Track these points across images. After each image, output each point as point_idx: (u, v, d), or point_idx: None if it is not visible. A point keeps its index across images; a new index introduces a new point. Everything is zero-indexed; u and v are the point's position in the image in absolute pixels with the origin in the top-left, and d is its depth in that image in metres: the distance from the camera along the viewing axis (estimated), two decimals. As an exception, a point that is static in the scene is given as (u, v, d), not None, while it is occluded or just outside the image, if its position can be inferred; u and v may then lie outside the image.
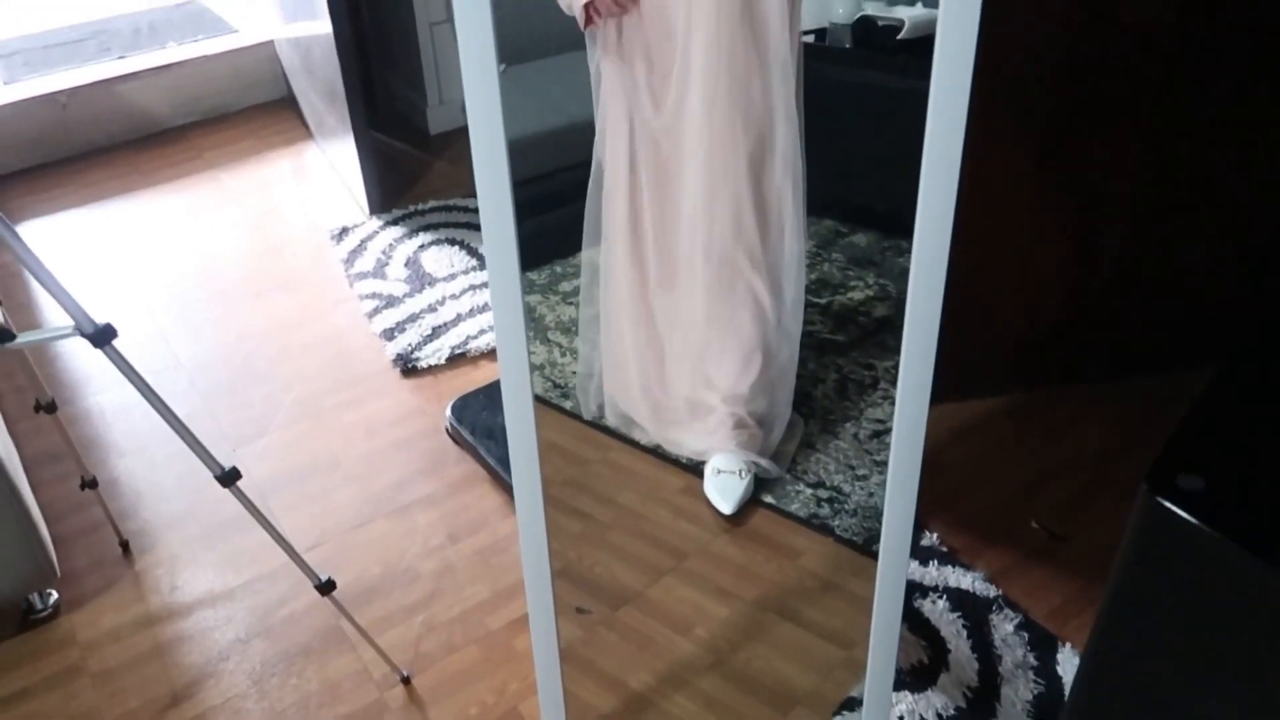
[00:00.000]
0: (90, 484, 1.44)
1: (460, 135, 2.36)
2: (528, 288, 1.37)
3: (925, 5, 2.03)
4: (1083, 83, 1.38)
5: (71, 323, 1.00)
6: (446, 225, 2.24)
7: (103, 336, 1.01)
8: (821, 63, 2.09)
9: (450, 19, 2.04)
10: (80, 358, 1.86)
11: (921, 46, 1.65)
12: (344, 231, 2.23)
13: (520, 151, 1.29)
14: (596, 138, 1.42)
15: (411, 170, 2.47)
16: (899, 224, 1.98)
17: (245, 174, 2.50)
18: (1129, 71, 1.38)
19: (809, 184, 1.42)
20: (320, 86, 2.38)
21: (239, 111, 2.79)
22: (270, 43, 2.79)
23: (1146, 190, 1.50)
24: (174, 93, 2.70)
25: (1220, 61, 1.38)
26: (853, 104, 1.93)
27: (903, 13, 2.00)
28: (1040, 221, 1.52)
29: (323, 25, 2.15)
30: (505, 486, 1.52)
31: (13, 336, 1.03)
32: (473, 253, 2.12)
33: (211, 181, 2.47)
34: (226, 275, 2.12)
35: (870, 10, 2.08)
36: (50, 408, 1.33)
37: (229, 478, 1.09)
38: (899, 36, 1.94)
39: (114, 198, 2.41)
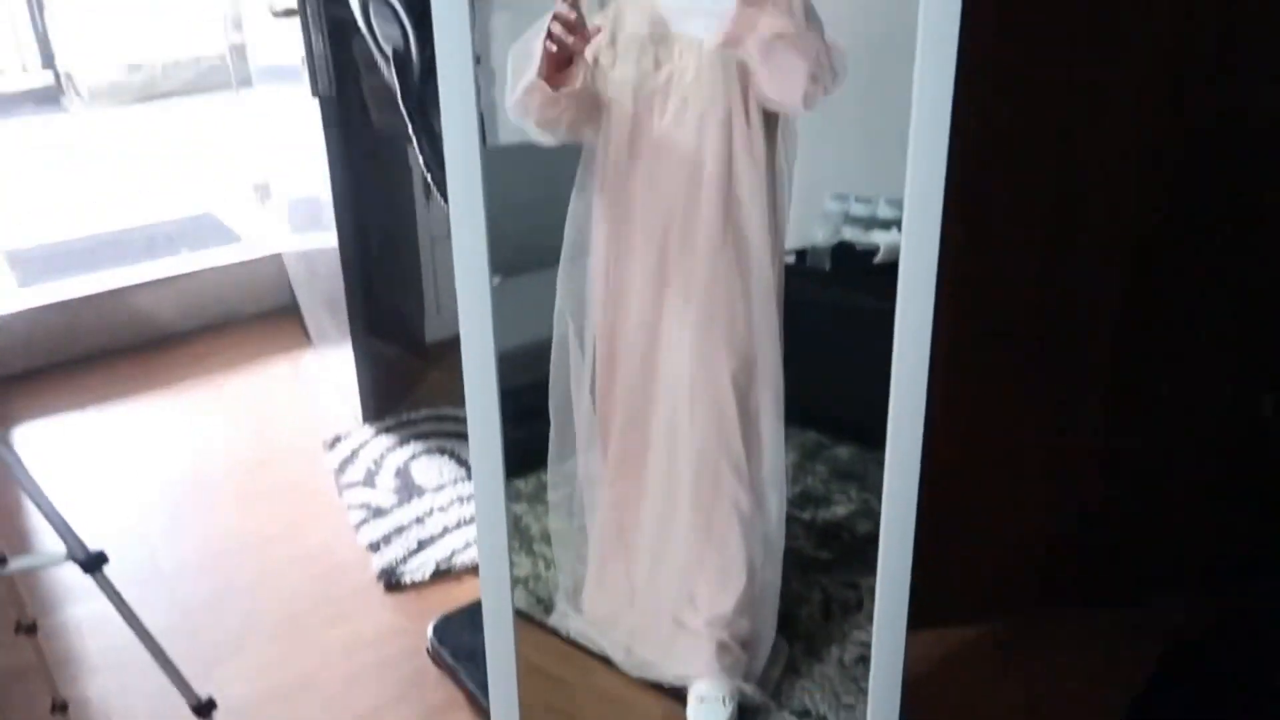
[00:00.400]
0: (61, 707, 1.41)
1: (456, 344, 2.43)
2: (514, 496, 1.38)
3: (900, 231, 2.14)
4: (1053, 308, 1.45)
5: (63, 546, 1.01)
6: (438, 435, 2.27)
7: (94, 563, 1.02)
8: (803, 283, 2.19)
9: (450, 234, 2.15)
10: (64, 567, 1.85)
11: (898, 270, 1.74)
12: (337, 440, 2.27)
13: (514, 361, 1.34)
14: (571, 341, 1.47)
15: (407, 378, 2.53)
16: (881, 437, 2.01)
17: (245, 381, 2.56)
18: (1092, 302, 1.45)
19: (792, 396, 1.45)
20: (322, 296, 2.48)
21: (243, 319, 2.88)
22: (278, 255, 2.91)
23: (1124, 412, 1.54)
24: (181, 300, 2.80)
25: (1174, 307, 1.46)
26: (833, 323, 2.01)
27: (879, 238, 2.11)
28: (1018, 445, 1.55)
29: (329, 238, 2.25)
30: (487, 713, 1.48)
31: (4, 561, 1.04)
32: (462, 463, 2.14)
33: (211, 388, 2.53)
34: (217, 483, 2.13)
35: (848, 235, 2.19)
36: (31, 629, 1.32)
37: (204, 708, 1.07)
38: (876, 260, 2.04)
39: (113, 402, 2.46)
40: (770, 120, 1.18)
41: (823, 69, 1.10)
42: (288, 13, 1.98)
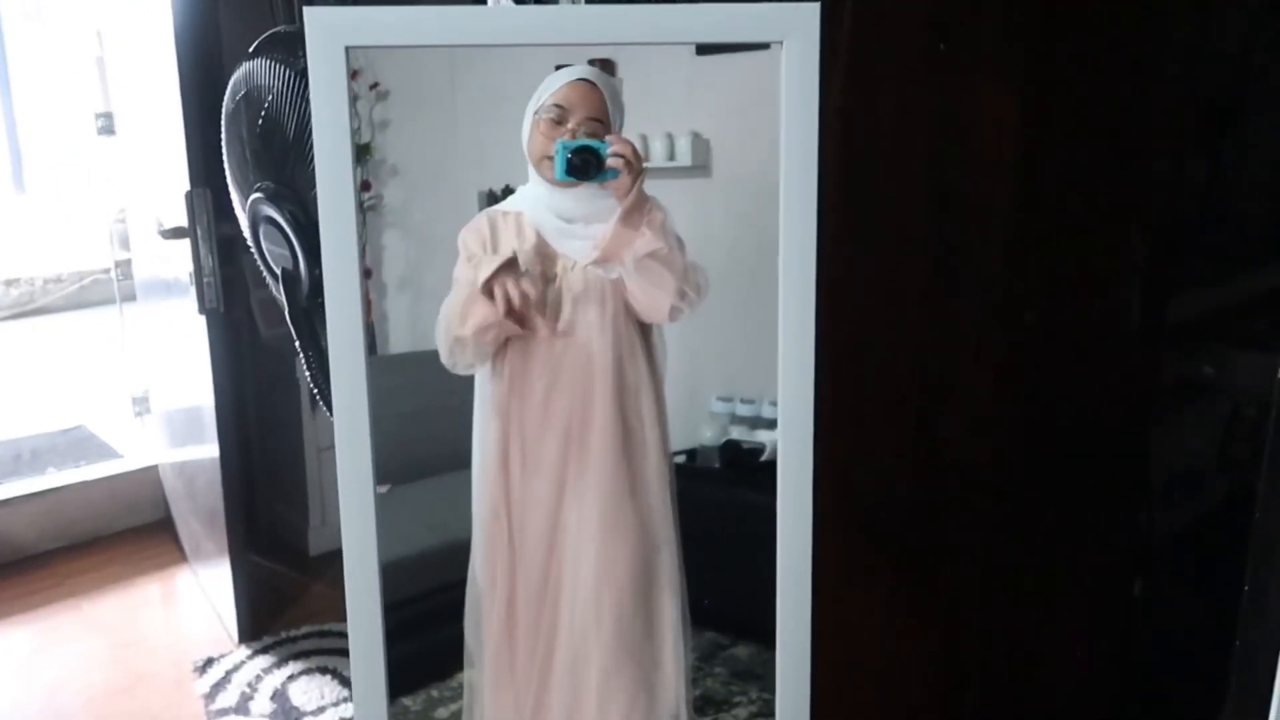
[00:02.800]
0: None
1: (340, 556, 2.36)
2: (402, 715, 1.32)
3: (783, 430, 2.22)
4: (927, 514, 1.50)
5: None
6: (319, 652, 2.16)
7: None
8: (694, 482, 2.23)
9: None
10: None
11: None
12: (209, 663, 2.13)
13: (401, 572, 1.30)
14: (474, 552, 1.44)
15: (288, 594, 2.42)
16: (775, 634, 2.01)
17: (109, 602, 2.41)
18: (967, 504, 1.51)
19: (691, 597, 1.45)
20: (201, 510, 2.39)
21: (112, 535, 2.74)
22: (154, 467, 2.81)
23: (999, 599, 1.58)
24: (45, 519, 2.65)
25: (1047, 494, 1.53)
26: (725, 520, 2.03)
27: (764, 437, 2.18)
28: (904, 647, 1.57)
29: (210, 449, 2.20)
30: None
31: None
32: (345, 682, 2.03)
33: (70, 611, 2.37)
34: (73, 715, 1.96)
35: (735, 435, 2.26)
36: None
37: None
38: (762, 459, 2.10)
39: (-40, 632, 2.28)
40: (645, 324, 1.25)
41: (689, 285, 1.18)
42: (177, 231, 2.01)
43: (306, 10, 0.89)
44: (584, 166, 1.07)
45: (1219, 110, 1.50)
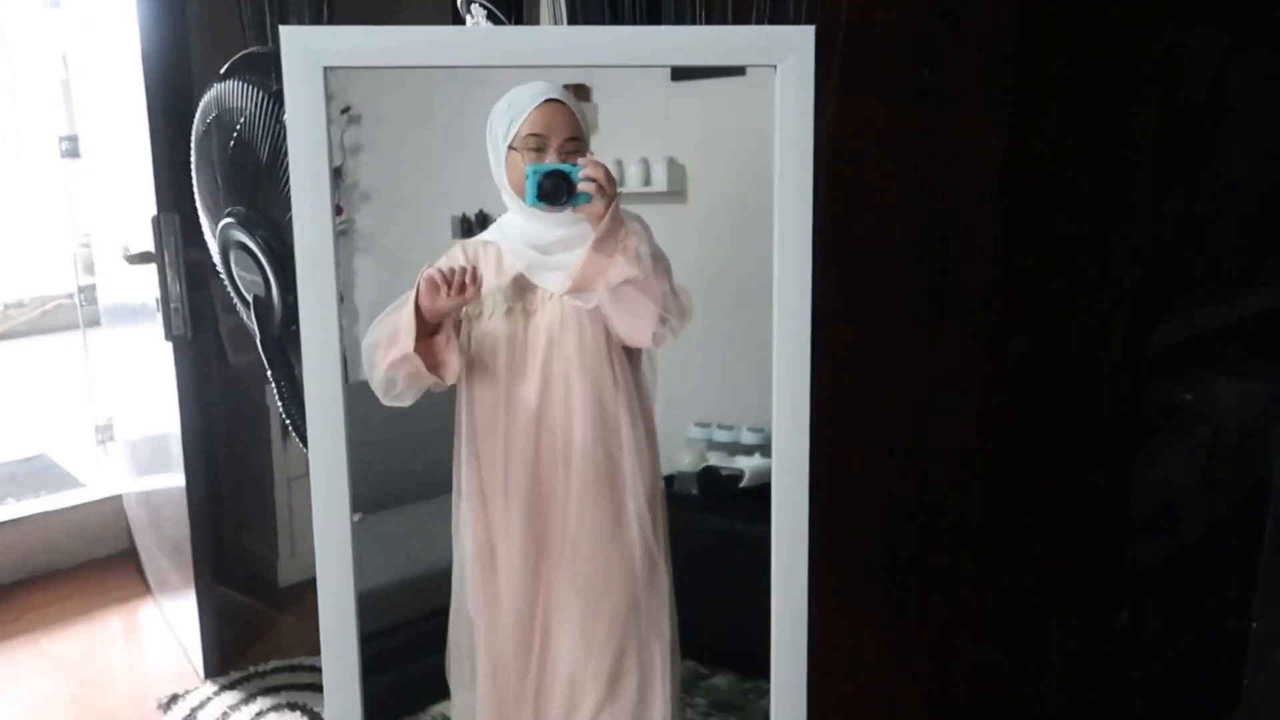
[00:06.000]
0: None
1: (311, 587, 2.30)
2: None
3: (763, 456, 2.20)
4: (914, 544, 1.49)
5: None
6: (289, 688, 2.10)
7: None
8: (672, 509, 2.20)
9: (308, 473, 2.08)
10: None
11: (763, 494, 1.77)
12: (174, 699, 2.07)
13: (374, 603, 1.26)
14: (457, 580, 1.41)
15: (256, 627, 2.36)
16: (756, 664, 1.98)
17: (70, 637, 2.34)
18: (954, 534, 1.50)
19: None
20: (166, 541, 2.33)
21: (73, 568, 2.66)
22: (118, 497, 2.74)
23: (989, 629, 1.57)
24: (6, 550, 2.57)
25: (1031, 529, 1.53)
26: (702, 548, 2.01)
27: (744, 463, 2.16)
28: (893, 678, 1.55)
29: (176, 479, 2.14)
30: None
31: None
32: (315, 717, 1.98)
33: (29, 646, 2.29)
34: (30, 759, 1.90)
35: (713, 460, 2.24)
36: None
37: None
38: (741, 485, 2.08)
39: (-88, 671, 2.20)
40: (631, 349, 1.22)
41: (670, 310, 1.16)
42: (143, 257, 1.97)
43: (283, 30, 0.87)
44: (555, 191, 1.05)
45: (1197, 140, 1.51)
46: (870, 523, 1.47)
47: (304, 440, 1.01)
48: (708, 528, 2.12)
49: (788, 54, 0.87)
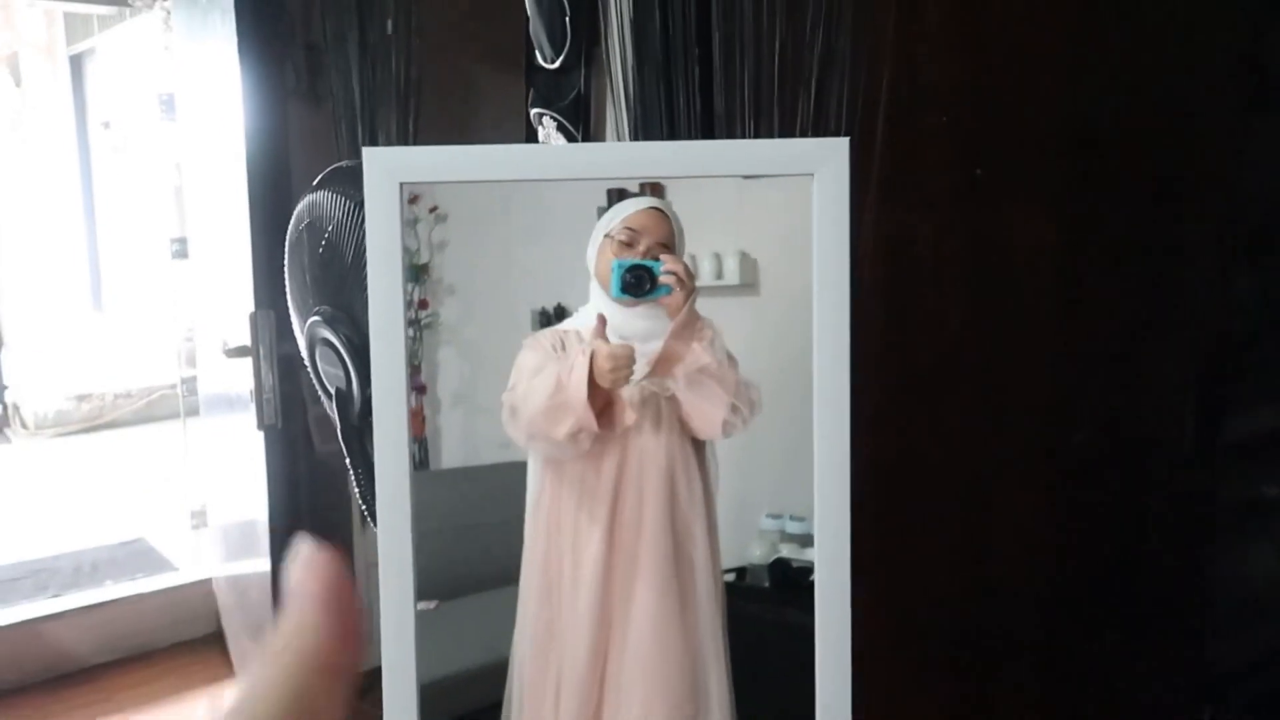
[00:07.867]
0: None
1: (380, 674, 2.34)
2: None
3: (833, 548, 2.18)
4: (978, 639, 1.47)
5: None
6: (363, 774, 2.13)
7: None
8: (743, 601, 2.19)
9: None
10: None
11: (833, 587, 1.77)
12: (252, 783, 2.10)
13: (445, 690, 1.29)
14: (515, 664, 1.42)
15: (334, 711, 2.40)
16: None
17: (157, 717, 2.41)
18: (1019, 630, 1.47)
19: (739, 717, 1.42)
20: (251, 624, 2.40)
21: (165, 649, 2.76)
22: (209, 581, 2.84)
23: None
24: (100, 631, 2.68)
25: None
26: (774, 640, 1.99)
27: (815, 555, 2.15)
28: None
29: (262, 563, 2.22)
30: None
31: None
32: (388, 805, 1.99)
33: (119, 727, 2.37)
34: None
35: (785, 553, 2.23)
36: None
37: None
38: (812, 578, 2.07)
39: (10, 747, 2.29)
40: (699, 441, 1.26)
41: (742, 401, 1.20)
42: (240, 350, 2.09)
43: (365, 150, 0.95)
44: (638, 283, 1.11)
45: (1265, 226, 1.50)
46: (933, 615, 1.46)
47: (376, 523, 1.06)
48: (778, 621, 2.11)
49: (823, 164, 0.92)
